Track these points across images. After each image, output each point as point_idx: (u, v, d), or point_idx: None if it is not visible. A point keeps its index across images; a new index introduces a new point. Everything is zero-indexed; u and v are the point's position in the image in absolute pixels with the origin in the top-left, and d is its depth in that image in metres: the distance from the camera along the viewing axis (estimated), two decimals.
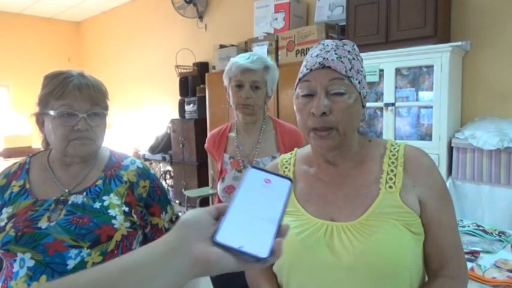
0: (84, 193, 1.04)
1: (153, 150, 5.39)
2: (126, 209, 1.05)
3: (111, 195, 1.05)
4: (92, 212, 1.01)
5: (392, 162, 0.84)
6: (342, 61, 0.82)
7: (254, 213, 0.51)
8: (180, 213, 1.17)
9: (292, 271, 0.83)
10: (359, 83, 0.84)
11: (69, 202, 1.02)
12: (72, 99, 1.01)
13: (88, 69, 7.36)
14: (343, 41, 0.88)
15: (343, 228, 0.80)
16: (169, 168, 5.45)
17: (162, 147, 5.31)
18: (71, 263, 0.95)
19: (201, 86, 4.72)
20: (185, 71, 4.99)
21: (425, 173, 0.83)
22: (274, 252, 0.47)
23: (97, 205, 1.02)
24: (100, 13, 6.88)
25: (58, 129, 1.01)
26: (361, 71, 0.86)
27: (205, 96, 4.49)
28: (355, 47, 0.88)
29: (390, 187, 0.81)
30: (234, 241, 0.47)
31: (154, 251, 0.46)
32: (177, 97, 5.02)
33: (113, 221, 1.01)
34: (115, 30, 6.65)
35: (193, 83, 4.83)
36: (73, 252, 0.95)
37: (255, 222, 0.50)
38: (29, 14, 6.74)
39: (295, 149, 1.02)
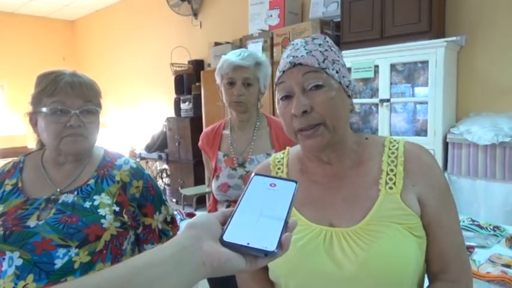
0: (75, 192, 1.04)
1: (149, 148, 5.37)
2: (117, 208, 1.04)
3: (102, 194, 1.04)
4: (81, 211, 1.00)
5: (392, 161, 0.80)
6: (312, 55, 0.78)
7: (260, 213, 0.52)
8: (175, 212, 1.16)
9: (290, 281, 0.79)
10: (337, 72, 0.79)
11: (60, 201, 1.02)
12: (64, 95, 1.01)
13: (83, 67, 7.36)
14: (313, 35, 0.85)
15: (343, 234, 0.75)
16: (165, 166, 5.43)
17: (158, 145, 5.29)
18: (59, 262, 0.94)
19: (197, 83, 4.70)
20: (180, 69, 4.97)
21: (426, 171, 0.78)
22: (282, 246, 0.49)
23: (87, 204, 1.01)
24: (94, 11, 6.84)
25: (50, 126, 1.01)
26: (338, 61, 0.81)
27: (200, 94, 4.47)
28: (328, 39, 0.84)
29: (390, 188, 0.77)
30: (241, 239, 0.49)
31: (165, 251, 0.47)
32: (173, 95, 5.00)
33: (102, 221, 0.99)
34: (109, 29, 6.61)
35: (189, 81, 4.81)
36: (61, 251, 0.94)
37: (261, 221, 0.51)
38: (22, 13, 6.69)
39: (287, 147, 0.97)
